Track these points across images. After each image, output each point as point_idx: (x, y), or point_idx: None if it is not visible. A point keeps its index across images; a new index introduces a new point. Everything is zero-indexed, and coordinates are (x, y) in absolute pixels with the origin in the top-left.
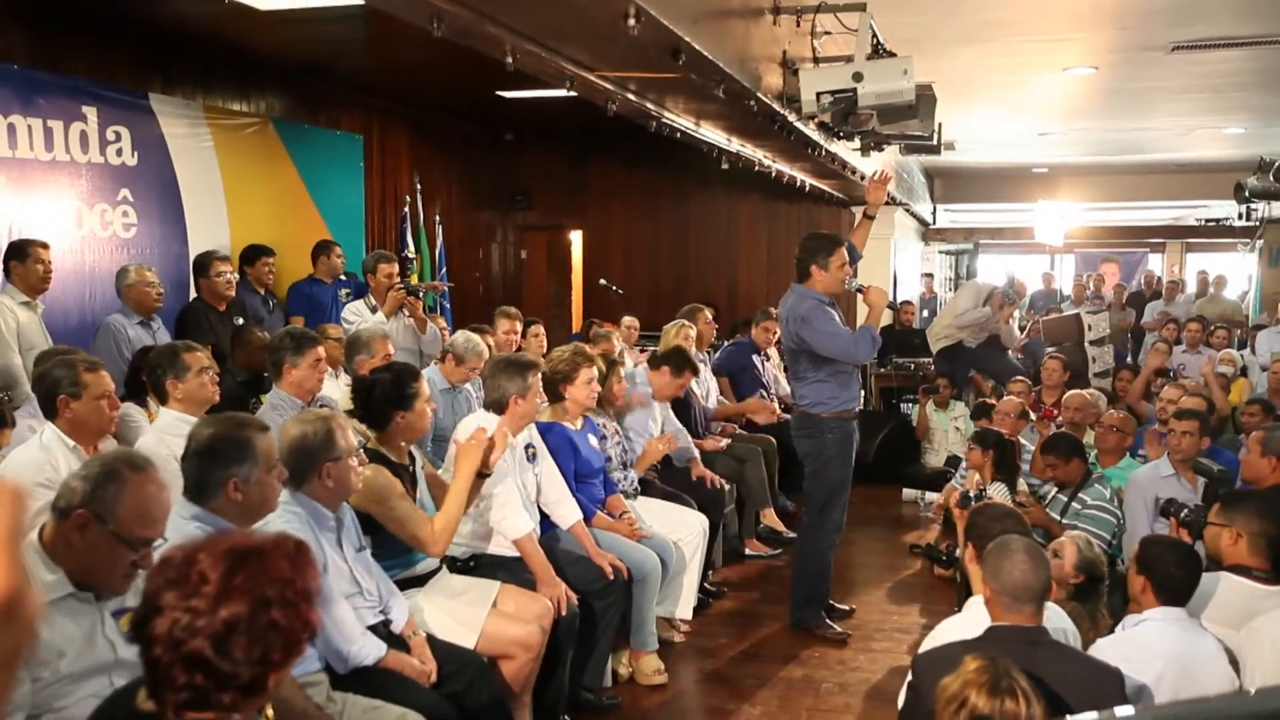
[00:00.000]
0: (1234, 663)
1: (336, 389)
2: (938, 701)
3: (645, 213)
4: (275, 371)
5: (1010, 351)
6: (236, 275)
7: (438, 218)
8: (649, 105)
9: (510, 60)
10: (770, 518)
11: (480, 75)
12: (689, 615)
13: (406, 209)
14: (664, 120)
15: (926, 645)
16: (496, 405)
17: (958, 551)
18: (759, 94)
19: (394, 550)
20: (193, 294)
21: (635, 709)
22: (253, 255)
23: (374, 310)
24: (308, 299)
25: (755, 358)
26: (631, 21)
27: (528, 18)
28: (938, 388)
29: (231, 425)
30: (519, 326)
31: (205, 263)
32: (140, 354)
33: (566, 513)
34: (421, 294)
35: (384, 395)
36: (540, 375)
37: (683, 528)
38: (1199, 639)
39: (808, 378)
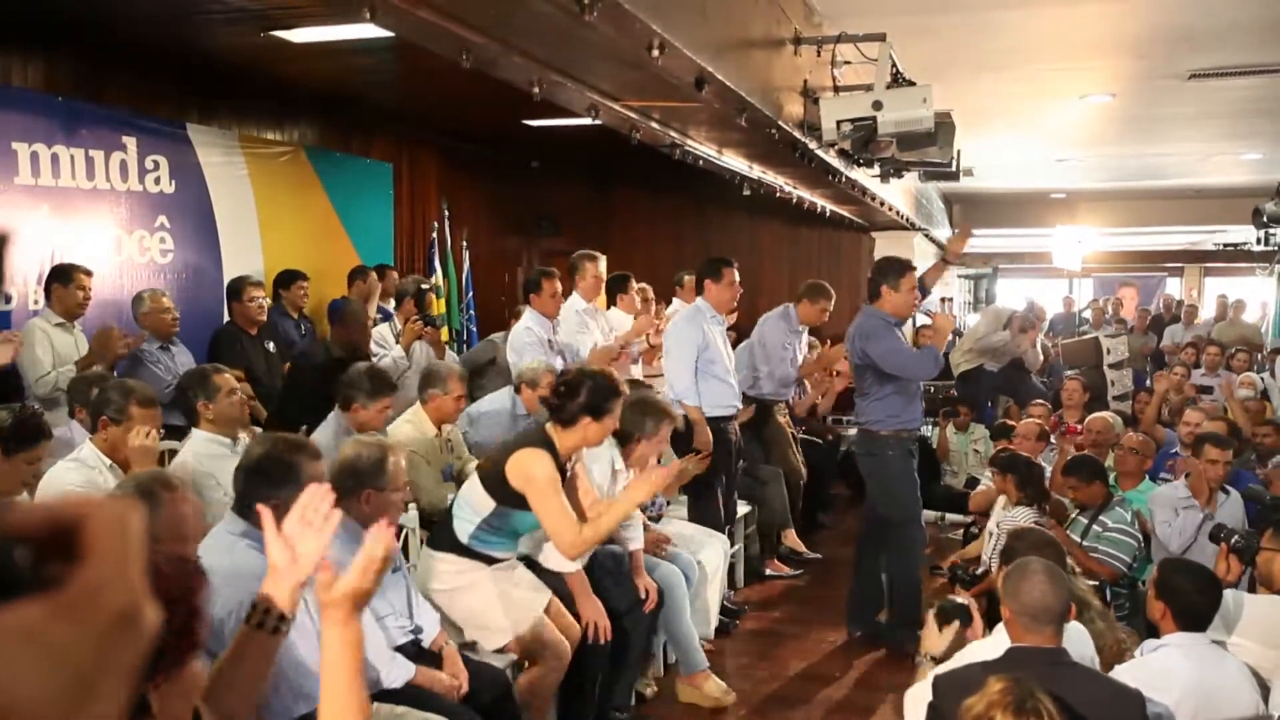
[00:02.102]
0: (1265, 685)
1: None
2: None
3: (669, 237)
4: (344, 403)
5: (1034, 375)
6: (269, 300)
7: (465, 243)
8: (672, 134)
9: (536, 90)
10: (791, 539)
11: (507, 104)
12: (710, 634)
13: (435, 235)
14: (687, 148)
15: (948, 666)
16: (624, 438)
17: (984, 569)
18: (780, 122)
19: (504, 531)
20: (226, 318)
21: None
22: (287, 280)
23: (398, 339)
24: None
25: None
26: (656, 53)
27: (553, 49)
28: (957, 411)
29: (283, 447)
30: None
31: (239, 287)
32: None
33: (635, 535)
34: (439, 324)
35: (587, 398)
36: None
37: (704, 548)
38: (1221, 663)
39: (871, 393)
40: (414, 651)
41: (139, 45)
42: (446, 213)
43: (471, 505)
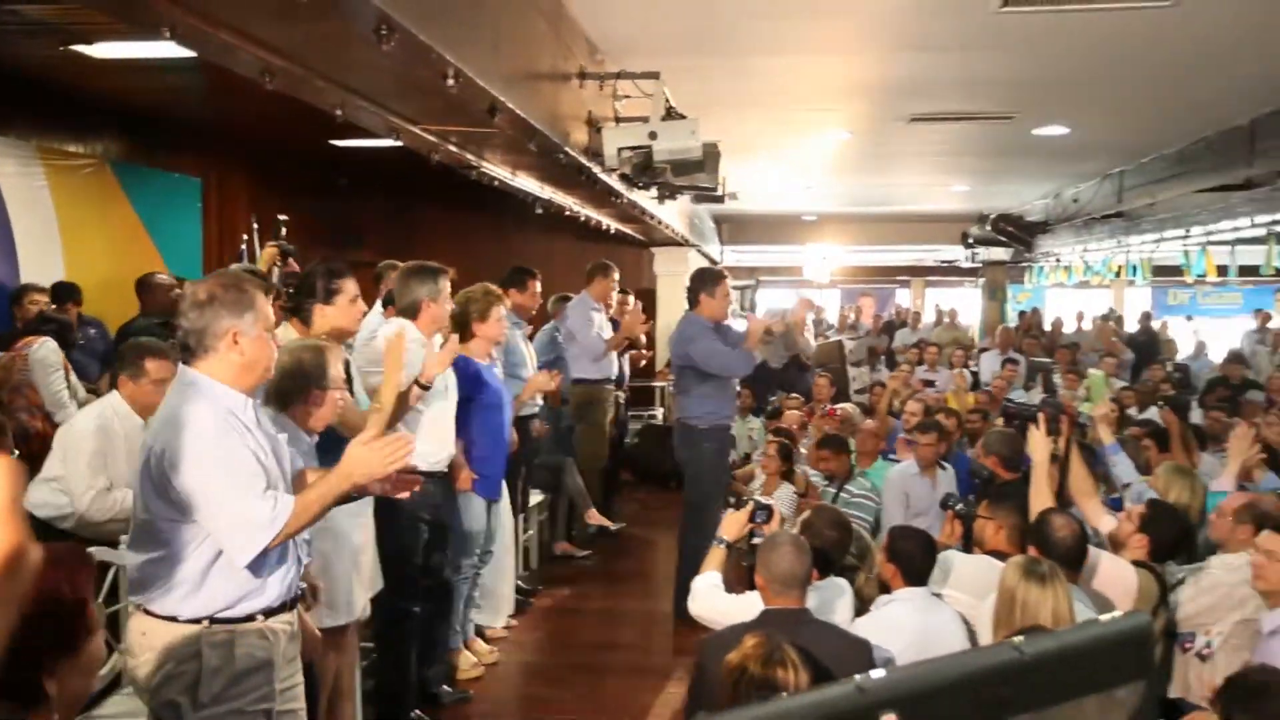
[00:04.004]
0: (973, 629)
1: None
2: (723, 676)
3: (469, 252)
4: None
5: (810, 372)
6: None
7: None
8: (469, 156)
9: (339, 113)
10: (595, 517)
11: (313, 125)
12: (511, 610)
13: (244, 246)
14: (483, 170)
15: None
16: (409, 311)
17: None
18: (567, 149)
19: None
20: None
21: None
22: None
23: None
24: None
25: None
26: (451, 81)
27: (354, 75)
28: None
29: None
30: None
31: (19, 295)
32: None
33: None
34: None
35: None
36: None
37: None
38: (939, 612)
39: (691, 391)
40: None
41: None
42: (255, 226)
43: None
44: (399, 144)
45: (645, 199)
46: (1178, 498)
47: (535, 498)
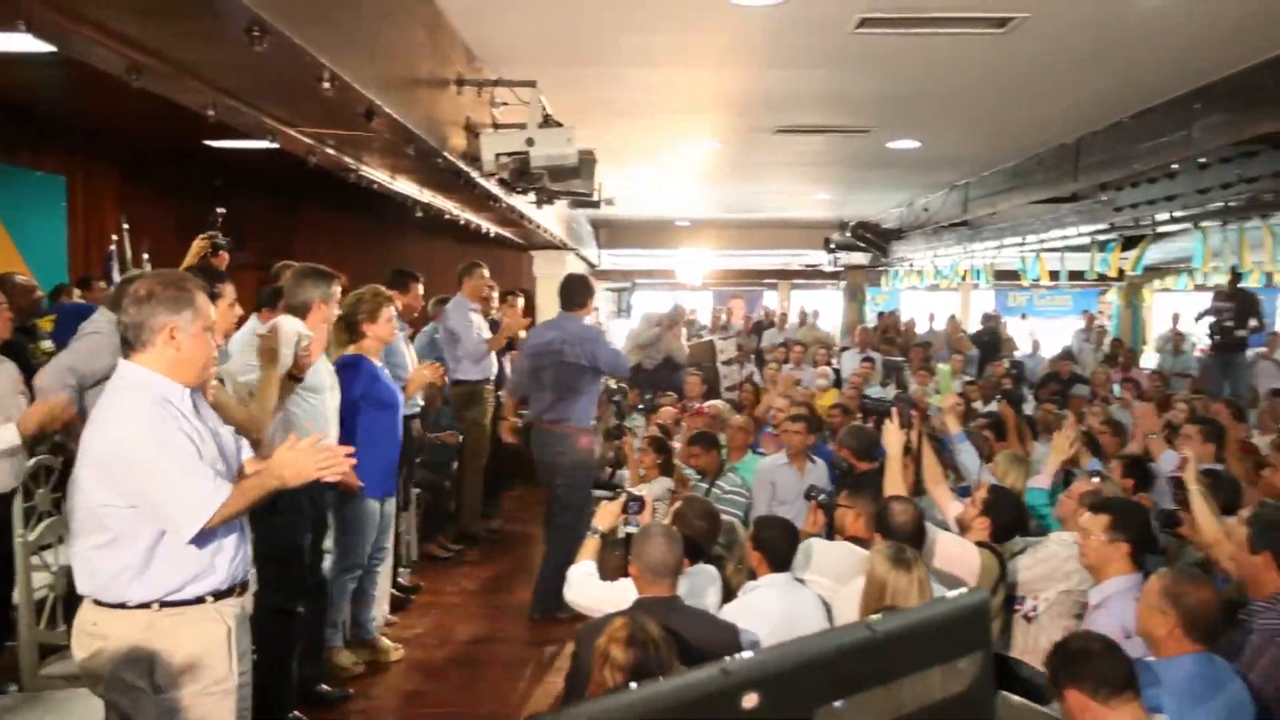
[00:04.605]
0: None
1: None
2: (594, 661)
3: (350, 254)
4: None
5: (684, 371)
6: None
7: (146, 255)
8: (347, 159)
9: (212, 113)
10: (470, 520)
11: (186, 124)
12: (387, 610)
13: (113, 247)
14: (362, 173)
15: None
16: (300, 310)
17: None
18: (445, 153)
19: None
20: None
21: (350, 701)
22: None
23: None
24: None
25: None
26: (326, 84)
27: (226, 75)
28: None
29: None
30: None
31: None
32: None
33: None
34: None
35: None
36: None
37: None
38: (801, 596)
39: (584, 391)
40: None
41: None
42: (126, 226)
43: None
44: (275, 146)
45: (524, 203)
46: (1014, 483)
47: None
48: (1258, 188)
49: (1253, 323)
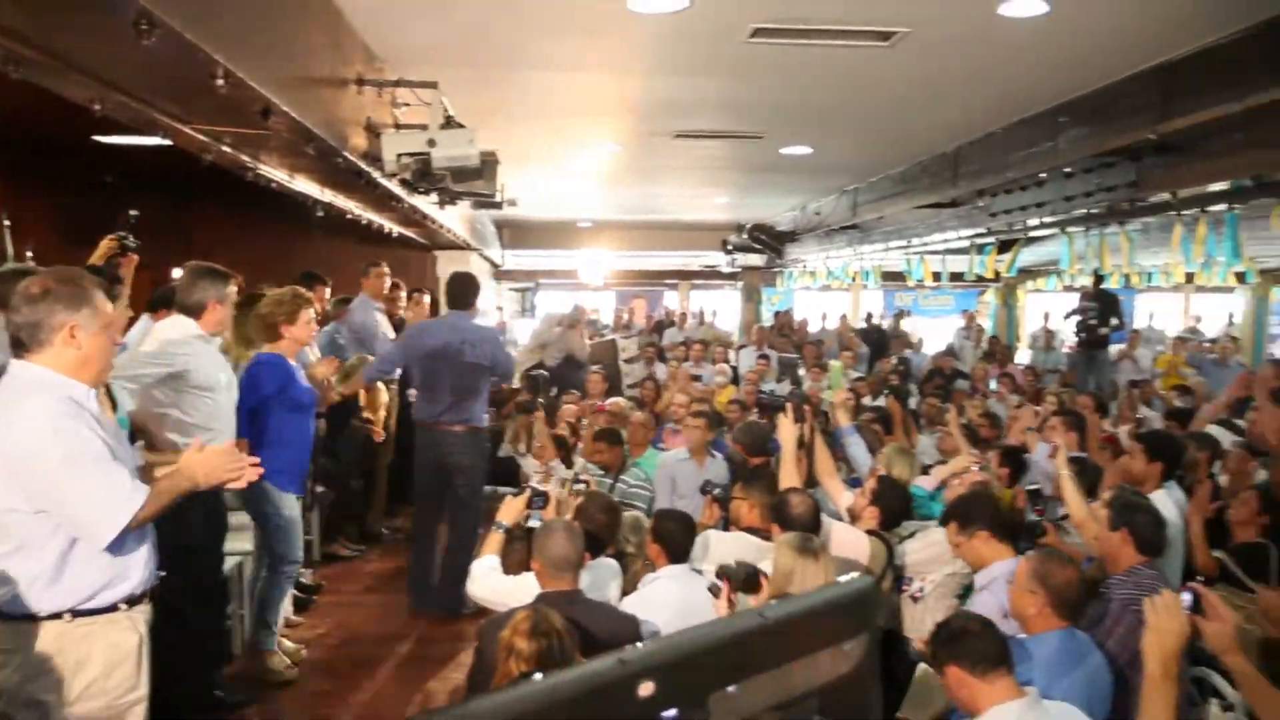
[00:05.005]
0: None
1: None
2: (498, 654)
3: (249, 254)
4: None
5: (586, 369)
6: None
7: (29, 255)
8: (245, 158)
9: (98, 108)
10: (375, 518)
11: (72, 119)
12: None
13: None
14: (260, 172)
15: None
16: (194, 310)
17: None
18: (345, 153)
19: None
20: None
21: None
22: None
23: None
24: None
25: None
26: (220, 81)
27: (113, 69)
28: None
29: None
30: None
31: None
32: None
33: None
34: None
35: None
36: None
37: None
38: (698, 586)
39: (479, 394)
40: None
41: None
42: (7, 224)
43: None
44: (168, 143)
45: (426, 204)
46: (900, 473)
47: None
48: (1115, 196)
49: (1114, 321)
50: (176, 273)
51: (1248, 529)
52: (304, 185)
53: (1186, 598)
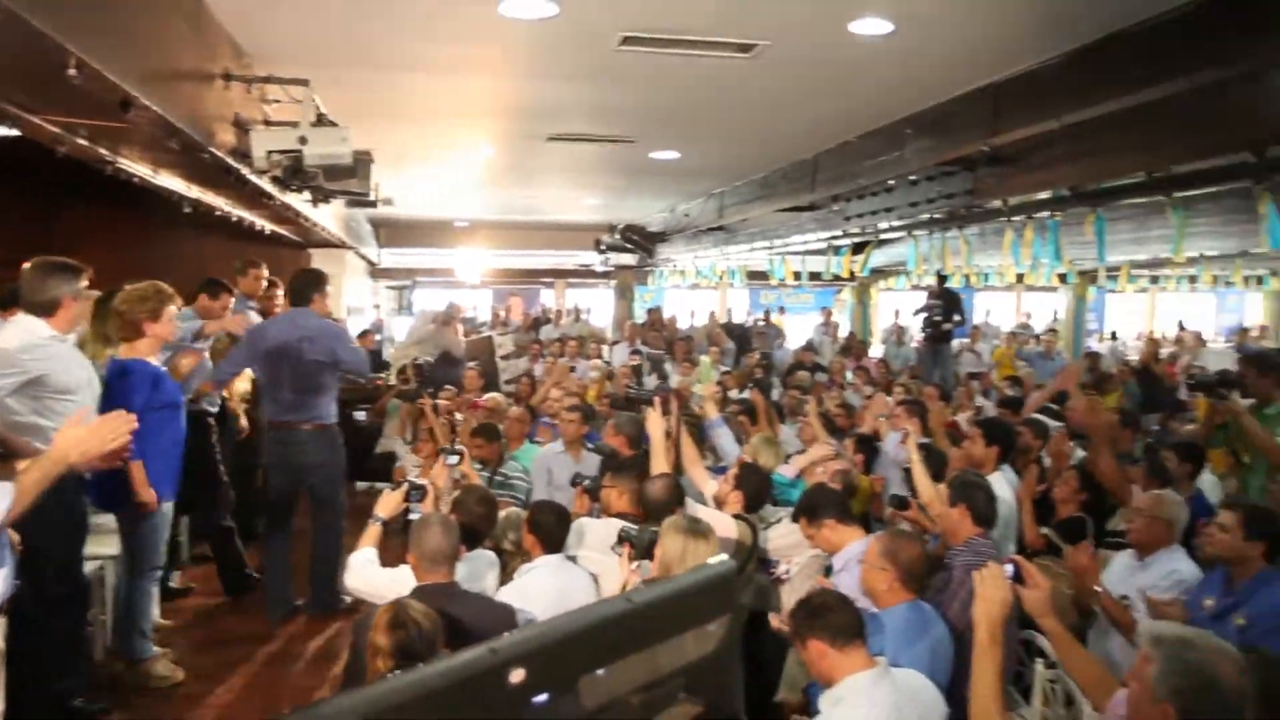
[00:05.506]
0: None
1: None
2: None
3: (114, 250)
4: None
5: (462, 366)
6: None
7: None
8: (103, 151)
9: None
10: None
11: None
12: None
13: None
14: (120, 166)
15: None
16: (46, 308)
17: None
18: (212, 149)
19: None
20: None
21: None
22: None
23: None
24: None
25: None
26: (73, 71)
27: None
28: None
29: None
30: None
31: None
32: None
33: None
34: None
35: None
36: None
37: None
38: (572, 573)
39: (323, 391)
40: None
41: None
42: None
43: None
44: (16, 133)
45: (299, 201)
46: (765, 461)
47: None
48: (954, 203)
49: (956, 317)
50: None
51: (1069, 505)
52: (169, 181)
53: (1009, 569)
